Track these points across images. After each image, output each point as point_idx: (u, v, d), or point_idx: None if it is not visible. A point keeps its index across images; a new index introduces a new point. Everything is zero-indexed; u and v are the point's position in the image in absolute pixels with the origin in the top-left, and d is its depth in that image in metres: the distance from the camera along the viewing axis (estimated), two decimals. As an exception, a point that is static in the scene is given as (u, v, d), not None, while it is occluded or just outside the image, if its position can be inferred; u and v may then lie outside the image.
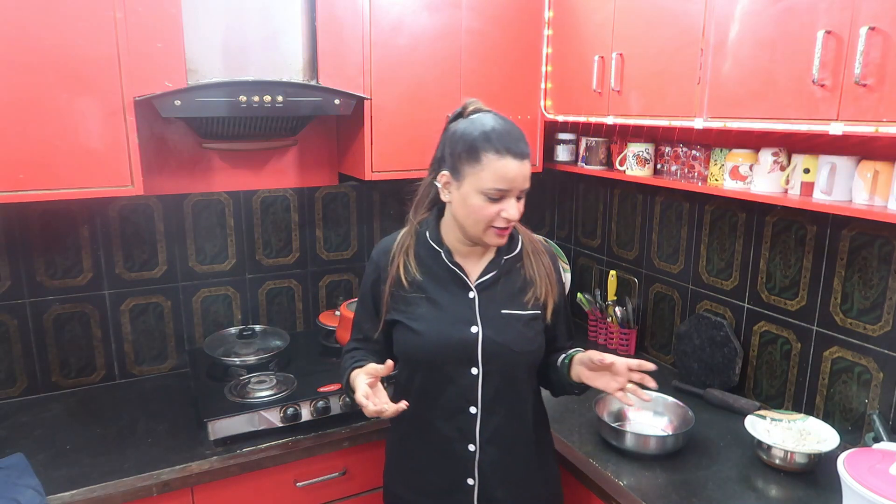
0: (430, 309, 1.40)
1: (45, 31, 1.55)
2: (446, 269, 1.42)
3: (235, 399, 1.82)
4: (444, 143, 1.38)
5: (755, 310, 1.96)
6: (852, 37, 1.30)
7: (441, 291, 1.41)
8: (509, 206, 1.32)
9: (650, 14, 1.84)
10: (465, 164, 1.31)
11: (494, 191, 1.30)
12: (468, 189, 1.32)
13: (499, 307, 1.41)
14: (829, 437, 1.60)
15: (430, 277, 1.42)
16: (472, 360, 1.38)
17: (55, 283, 1.99)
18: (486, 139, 1.29)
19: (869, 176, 1.45)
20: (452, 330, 1.38)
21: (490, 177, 1.29)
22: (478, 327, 1.38)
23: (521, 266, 1.47)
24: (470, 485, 1.43)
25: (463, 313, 1.40)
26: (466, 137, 1.31)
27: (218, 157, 2.17)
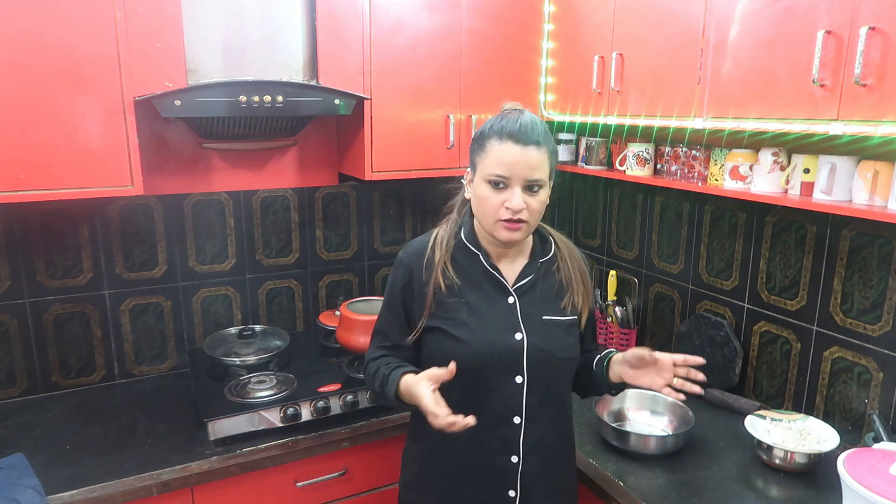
0: (472, 315, 1.34)
1: (45, 31, 1.55)
2: (484, 272, 1.37)
3: (235, 399, 1.82)
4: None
5: (755, 310, 1.96)
6: (852, 37, 1.30)
7: (480, 296, 1.36)
8: (513, 195, 1.27)
9: (650, 14, 1.84)
10: (476, 154, 1.32)
11: (495, 176, 1.27)
12: (478, 179, 1.32)
13: (540, 313, 1.37)
14: (829, 437, 1.60)
15: (467, 281, 1.36)
16: (517, 368, 1.34)
17: (55, 283, 1.99)
18: (492, 127, 1.30)
19: (869, 176, 1.45)
20: (497, 337, 1.33)
21: (491, 162, 1.28)
22: (522, 334, 1.34)
23: (556, 270, 1.43)
24: (511, 497, 1.38)
25: (506, 319, 1.35)
26: (479, 130, 1.33)
27: (218, 157, 2.17)
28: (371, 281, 2.51)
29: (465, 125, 2.19)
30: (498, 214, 1.29)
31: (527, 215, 1.28)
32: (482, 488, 1.39)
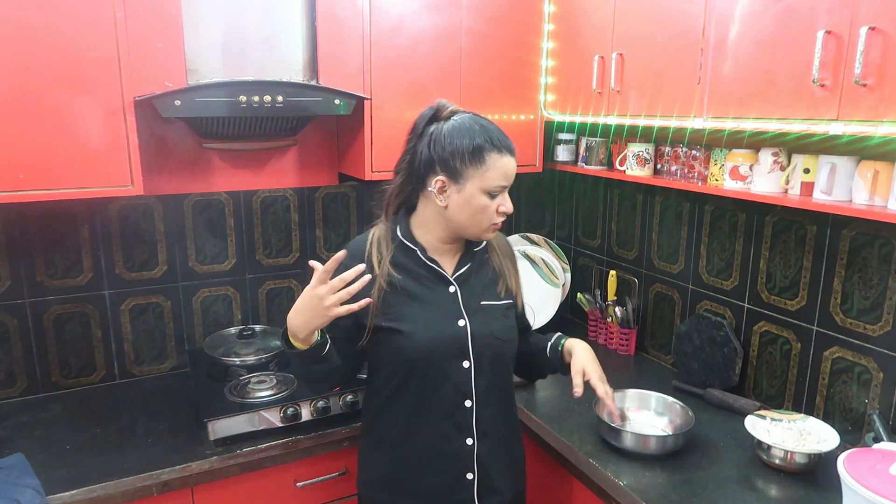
0: (415, 308, 1.40)
1: (45, 32, 1.55)
2: (423, 266, 1.43)
3: (235, 399, 1.82)
4: (427, 147, 1.37)
5: (755, 310, 1.96)
6: (852, 37, 1.30)
7: (421, 289, 1.41)
8: (505, 199, 1.39)
9: (650, 14, 1.84)
10: (468, 166, 1.34)
11: (499, 188, 1.36)
12: (472, 190, 1.35)
13: (478, 299, 1.46)
14: (829, 437, 1.60)
15: (407, 276, 1.41)
16: (463, 353, 1.41)
17: (55, 283, 1.99)
18: (487, 140, 1.34)
19: (869, 176, 1.45)
20: (442, 326, 1.40)
21: (495, 175, 1.34)
22: (465, 320, 1.41)
23: (488, 258, 1.52)
24: (469, 479, 1.44)
25: (448, 308, 1.42)
26: (464, 140, 1.33)
27: (218, 157, 2.17)
28: (371, 281, 2.50)
29: (465, 125, 2.19)
30: (493, 219, 1.39)
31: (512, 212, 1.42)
32: (442, 475, 1.44)
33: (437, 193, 1.38)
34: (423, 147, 1.38)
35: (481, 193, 1.35)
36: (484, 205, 1.36)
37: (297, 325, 1.27)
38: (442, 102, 1.41)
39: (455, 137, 1.34)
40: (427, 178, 1.38)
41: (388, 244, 1.43)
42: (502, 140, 1.36)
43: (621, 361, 2.31)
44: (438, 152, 1.35)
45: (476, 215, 1.37)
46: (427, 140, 1.38)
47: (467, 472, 1.44)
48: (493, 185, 1.35)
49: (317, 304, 1.24)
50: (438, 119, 1.39)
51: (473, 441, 1.43)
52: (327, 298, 1.23)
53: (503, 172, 1.35)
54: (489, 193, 1.35)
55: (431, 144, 1.37)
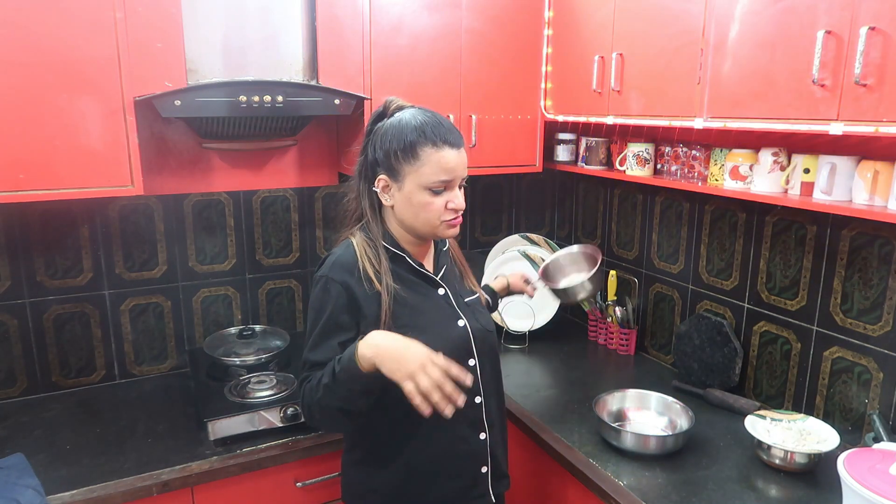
0: (420, 317, 1.36)
1: (45, 31, 1.55)
2: (412, 271, 1.40)
3: (235, 399, 1.82)
4: (371, 146, 1.34)
5: (755, 310, 1.96)
6: (852, 37, 1.30)
7: (418, 296, 1.38)
8: (455, 195, 1.32)
9: (650, 14, 1.84)
10: (403, 162, 1.29)
11: (438, 183, 1.29)
12: (411, 187, 1.30)
13: (462, 297, 1.47)
14: (829, 437, 1.60)
15: (402, 284, 1.36)
16: (469, 351, 1.41)
17: (55, 283, 1.99)
18: (420, 134, 1.28)
19: (869, 176, 1.45)
20: (446, 329, 1.39)
21: (431, 170, 1.28)
22: (463, 319, 1.42)
23: (452, 257, 1.54)
24: (484, 473, 1.45)
25: (445, 310, 1.41)
26: (399, 136, 1.29)
27: (218, 157, 2.17)
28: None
29: (465, 125, 2.19)
30: (442, 217, 1.32)
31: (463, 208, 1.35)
32: (458, 476, 1.43)
33: (381, 193, 1.35)
34: (369, 148, 1.35)
35: (421, 190, 1.29)
36: (425, 202, 1.30)
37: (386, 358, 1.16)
38: (389, 100, 1.36)
39: (391, 134, 1.30)
40: (373, 179, 1.35)
41: (377, 254, 1.35)
42: (438, 132, 1.28)
43: (621, 361, 2.31)
44: (379, 151, 1.32)
45: (420, 213, 1.31)
46: (372, 140, 1.35)
47: (482, 465, 1.45)
48: (432, 181, 1.28)
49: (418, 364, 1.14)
50: (384, 116, 1.35)
51: (486, 435, 1.44)
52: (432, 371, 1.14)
53: (441, 167, 1.28)
54: (430, 189, 1.29)
55: (374, 144, 1.34)
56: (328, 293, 1.32)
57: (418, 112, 1.33)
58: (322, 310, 1.32)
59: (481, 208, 2.68)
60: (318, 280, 1.34)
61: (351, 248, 1.36)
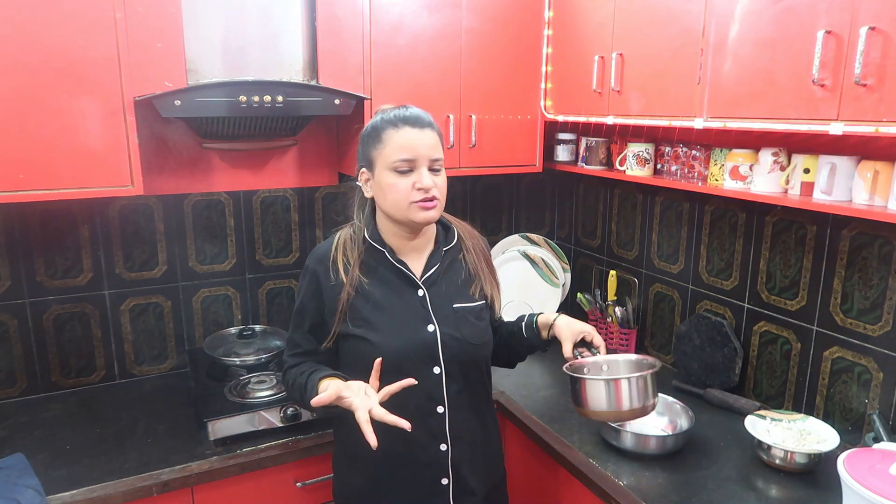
0: (383, 314, 1.37)
1: (45, 31, 1.55)
2: (391, 268, 1.40)
3: (235, 399, 1.82)
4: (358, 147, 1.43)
5: (755, 310, 1.96)
6: (852, 37, 1.30)
7: (389, 293, 1.39)
8: (421, 175, 1.33)
9: (650, 14, 1.84)
10: (371, 149, 1.36)
11: (401, 162, 1.32)
12: (380, 172, 1.35)
13: (450, 302, 1.43)
14: (829, 437, 1.60)
15: (375, 280, 1.39)
16: (434, 359, 1.38)
17: (55, 283, 1.99)
18: (384, 119, 1.36)
19: (869, 176, 1.45)
20: (410, 332, 1.37)
21: (392, 150, 1.33)
22: (434, 325, 1.39)
23: (462, 259, 1.49)
24: (444, 484, 1.43)
25: (417, 313, 1.39)
26: (368, 127, 1.39)
27: (218, 157, 2.17)
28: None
29: (465, 125, 2.19)
30: (410, 197, 1.33)
31: (437, 192, 1.35)
32: (418, 483, 1.43)
33: (363, 185, 1.41)
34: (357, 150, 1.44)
35: (387, 172, 1.33)
36: (391, 183, 1.33)
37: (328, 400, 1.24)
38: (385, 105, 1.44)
39: (366, 128, 1.39)
40: (358, 176, 1.43)
41: (356, 247, 1.41)
42: (401, 115, 1.34)
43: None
44: (359, 147, 1.41)
45: (388, 195, 1.34)
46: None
47: (442, 477, 1.43)
48: (395, 160, 1.32)
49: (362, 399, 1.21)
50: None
51: (447, 446, 1.41)
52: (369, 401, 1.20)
53: (401, 145, 1.32)
54: (395, 170, 1.32)
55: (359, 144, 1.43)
56: (304, 279, 1.44)
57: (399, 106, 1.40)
58: (298, 293, 1.47)
59: (481, 208, 2.68)
60: (306, 269, 1.45)
61: (332, 239, 1.44)
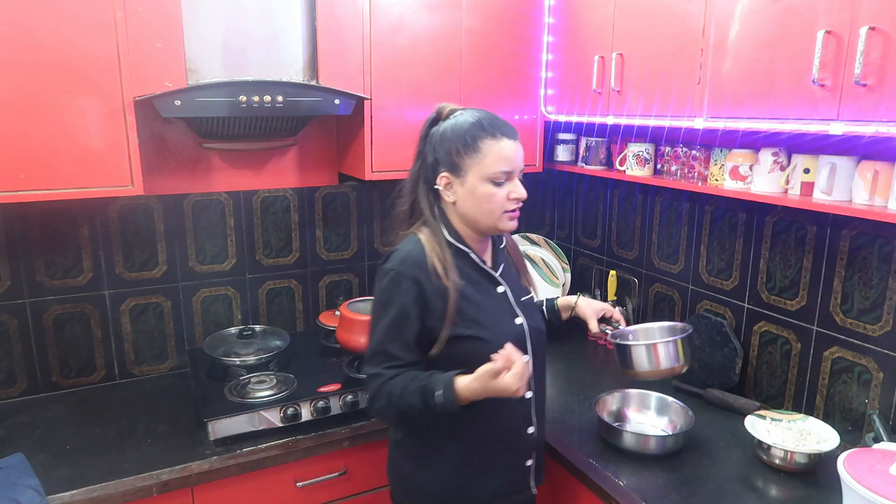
0: (485, 313, 1.41)
1: (45, 31, 1.55)
2: (476, 268, 1.45)
3: (235, 399, 1.82)
4: (430, 148, 1.42)
5: (755, 310, 1.96)
6: (852, 37, 1.30)
7: (479, 292, 1.43)
8: (516, 186, 1.39)
9: (650, 14, 1.84)
10: (465, 157, 1.36)
11: (500, 174, 1.35)
12: (473, 180, 1.36)
13: (519, 295, 1.51)
14: (829, 437, 1.60)
15: (466, 280, 1.41)
16: (524, 349, 1.45)
17: (55, 283, 1.99)
18: (479, 128, 1.36)
19: (869, 176, 1.45)
20: (506, 326, 1.44)
21: (492, 161, 1.35)
22: (521, 317, 1.47)
23: (507, 254, 1.58)
24: (528, 466, 1.51)
25: (504, 308, 1.46)
26: (458, 133, 1.37)
27: (218, 157, 2.17)
28: (371, 281, 2.50)
29: (465, 125, 2.19)
30: (504, 207, 1.38)
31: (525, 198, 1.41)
32: (508, 466, 1.49)
33: (444, 190, 1.41)
34: (428, 150, 1.42)
35: (483, 182, 1.36)
36: (488, 193, 1.36)
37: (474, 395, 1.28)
38: (442, 105, 1.44)
39: (450, 132, 1.38)
40: (435, 179, 1.41)
41: (442, 250, 1.39)
42: (496, 125, 1.36)
43: (621, 361, 2.31)
44: (439, 151, 1.39)
45: (483, 205, 1.37)
46: (430, 142, 1.42)
47: (528, 459, 1.50)
48: (493, 172, 1.35)
49: (512, 391, 1.24)
50: (439, 121, 1.43)
51: (534, 428, 1.50)
52: (515, 384, 1.23)
53: (501, 157, 1.35)
54: (492, 181, 1.35)
55: (432, 146, 1.41)
56: (398, 286, 1.35)
57: (474, 111, 1.40)
58: (391, 302, 1.36)
59: (481, 208, 2.67)
60: (386, 273, 1.38)
61: (419, 244, 1.40)
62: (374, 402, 1.37)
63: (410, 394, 1.31)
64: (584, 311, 1.66)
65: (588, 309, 1.66)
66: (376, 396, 1.36)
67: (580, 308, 1.67)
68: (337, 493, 1.86)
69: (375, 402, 1.37)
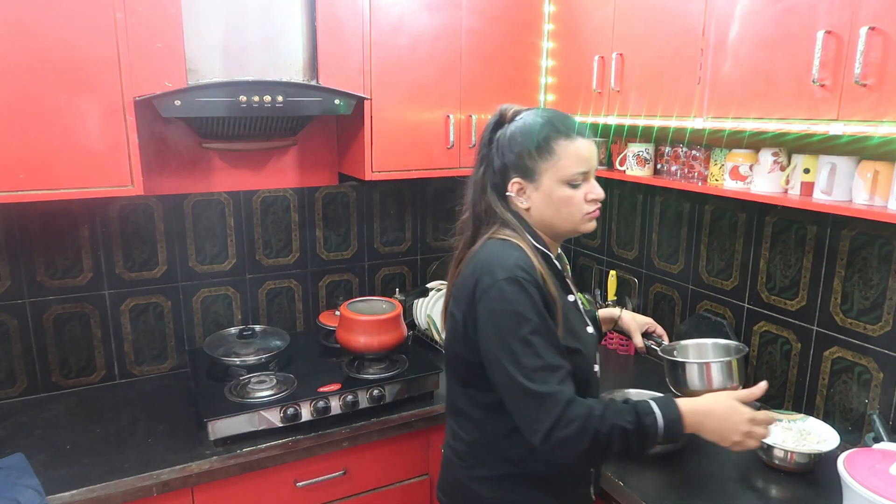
0: (574, 323, 1.33)
1: (45, 31, 1.55)
2: (557, 274, 1.35)
3: (235, 399, 1.82)
4: (497, 152, 1.32)
5: (755, 310, 1.96)
6: (852, 37, 1.30)
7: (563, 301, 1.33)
8: (593, 186, 1.32)
9: (650, 14, 1.84)
10: (538, 160, 1.28)
11: (577, 175, 1.29)
12: (549, 184, 1.29)
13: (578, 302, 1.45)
14: (829, 437, 1.60)
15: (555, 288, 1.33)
16: (595, 358, 1.40)
17: (55, 283, 1.99)
18: (552, 128, 1.28)
19: (869, 176, 1.45)
20: (588, 338, 1.38)
21: (569, 162, 1.28)
22: (590, 326, 1.41)
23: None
24: (591, 472, 1.44)
25: (578, 316, 1.38)
26: (529, 135, 1.28)
27: (218, 157, 2.17)
28: (371, 281, 2.51)
29: (465, 125, 2.19)
30: (584, 209, 1.31)
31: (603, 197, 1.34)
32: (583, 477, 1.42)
33: (516, 196, 1.32)
34: (495, 155, 1.33)
35: (560, 185, 1.29)
36: (567, 196, 1.29)
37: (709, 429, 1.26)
38: (505, 107, 1.35)
39: (519, 136, 1.29)
40: (506, 185, 1.32)
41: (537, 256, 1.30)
42: (569, 124, 1.29)
43: (621, 362, 2.31)
44: (508, 156, 1.30)
45: (562, 209, 1.30)
46: (496, 147, 1.33)
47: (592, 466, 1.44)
48: (571, 174, 1.28)
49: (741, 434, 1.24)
50: (503, 124, 1.34)
51: None
52: (758, 432, 1.23)
53: (577, 157, 1.28)
54: (569, 183, 1.29)
55: (500, 150, 1.32)
56: (526, 293, 1.22)
57: (540, 111, 1.33)
58: (528, 311, 1.21)
59: (481, 208, 2.67)
60: (506, 283, 1.22)
61: (520, 249, 1.28)
62: (559, 428, 1.16)
63: (616, 414, 1.18)
64: (627, 325, 1.63)
65: (632, 323, 1.63)
66: (563, 421, 1.16)
67: (624, 322, 1.64)
68: (337, 493, 1.86)
69: (563, 428, 1.16)
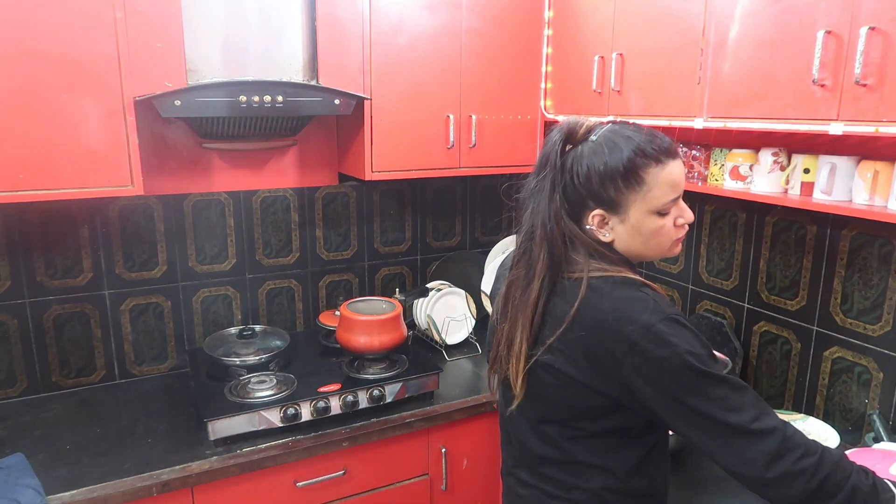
0: None
1: (45, 31, 1.55)
2: None
3: (235, 399, 1.82)
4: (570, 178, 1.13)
5: (755, 310, 1.96)
6: (852, 37, 1.30)
7: None
8: (683, 210, 1.16)
9: (650, 14, 1.84)
10: (626, 191, 1.11)
11: (670, 202, 1.13)
12: (638, 216, 1.13)
13: None
14: (829, 437, 1.60)
15: None
16: None
17: (55, 283, 1.99)
18: (640, 154, 1.10)
19: (869, 176, 1.45)
20: None
21: (661, 192, 1.11)
22: None
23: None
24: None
25: None
26: (612, 163, 1.10)
27: (218, 157, 2.17)
28: (371, 281, 2.51)
29: (465, 125, 2.19)
30: (673, 235, 1.17)
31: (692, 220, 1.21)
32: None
33: (597, 229, 1.15)
34: (567, 181, 1.14)
35: (650, 216, 1.13)
36: (657, 227, 1.14)
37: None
38: (571, 122, 1.15)
39: (599, 162, 1.11)
40: (582, 217, 1.15)
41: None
42: (657, 146, 1.11)
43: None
44: (585, 185, 1.12)
45: (651, 240, 1.15)
46: (568, 171, 1.13)
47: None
48: (662, 204, 1.12)
49: None
50: (573, 142, 1.15)
51: None
52: None
53: (669, 184, 1.11)
54: (659, 213, 1.13)
55: (575, 177, 1.13)
56: (688, 329, 1.08)
57: (620, 128, 1.13)
58: (698, 346, 1.06)
59: (481, 208, 2.68)
60: (666, 322, 1.06)
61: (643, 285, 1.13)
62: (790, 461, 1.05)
63: (856, 472, 1.05)
64: None
65: None
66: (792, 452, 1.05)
67: None
68: (337, 493, 1.86)
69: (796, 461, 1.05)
